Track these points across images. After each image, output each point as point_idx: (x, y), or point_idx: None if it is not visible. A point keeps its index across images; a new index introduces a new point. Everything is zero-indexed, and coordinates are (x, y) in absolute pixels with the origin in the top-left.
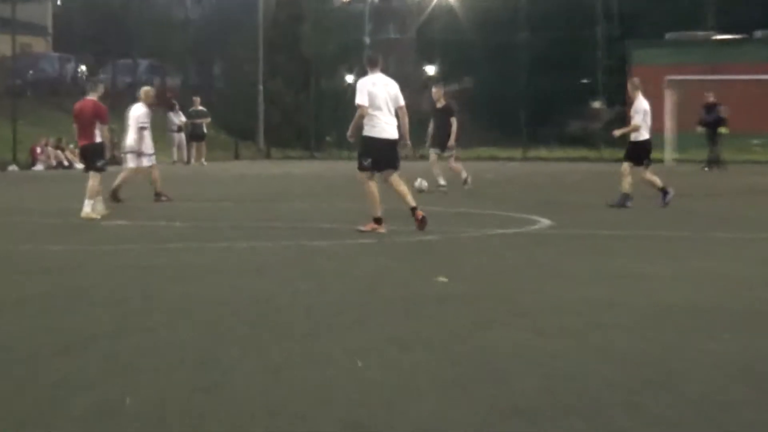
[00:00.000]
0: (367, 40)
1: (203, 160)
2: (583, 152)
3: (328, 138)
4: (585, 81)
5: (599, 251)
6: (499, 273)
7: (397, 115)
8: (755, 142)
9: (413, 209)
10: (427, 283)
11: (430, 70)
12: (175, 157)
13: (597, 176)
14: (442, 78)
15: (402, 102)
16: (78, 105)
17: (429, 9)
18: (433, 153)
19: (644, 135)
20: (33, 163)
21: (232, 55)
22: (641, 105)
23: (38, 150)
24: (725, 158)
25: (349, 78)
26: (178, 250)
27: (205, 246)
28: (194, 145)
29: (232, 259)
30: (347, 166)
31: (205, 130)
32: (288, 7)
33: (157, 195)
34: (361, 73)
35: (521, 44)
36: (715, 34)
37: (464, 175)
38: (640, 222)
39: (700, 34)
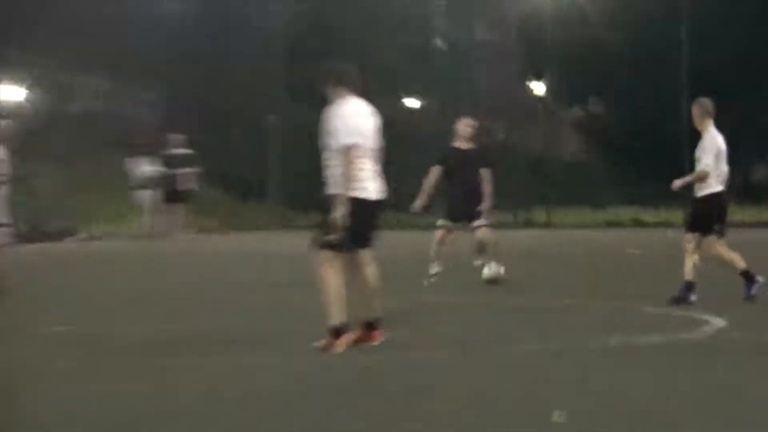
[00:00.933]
0: (439, 42)
1: (190, 230)
2: None
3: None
4: None
5: None
6: (651, 404)
7: None
8: None
9: (373, 322)
10: (538, 419)
11: (539, 87)
12: (147, 226)
13: None
14: (562, 100)
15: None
16: None
17: None
18: (442, 224)
19: (714, 187)
20: None
21: (232, 70)
22: (713, 140)
23: None
24: None
25: (412, 101)
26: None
27: (204, 361)
28: (173, 207)
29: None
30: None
31: (192, 185)
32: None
33: None
34: (433, 93)
35: (680, 58)
36: None
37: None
38: None
39: None
